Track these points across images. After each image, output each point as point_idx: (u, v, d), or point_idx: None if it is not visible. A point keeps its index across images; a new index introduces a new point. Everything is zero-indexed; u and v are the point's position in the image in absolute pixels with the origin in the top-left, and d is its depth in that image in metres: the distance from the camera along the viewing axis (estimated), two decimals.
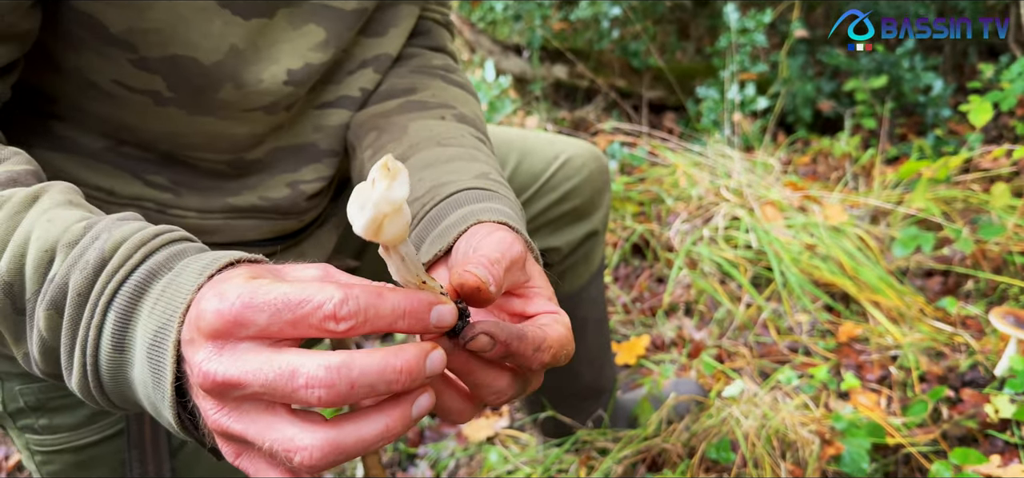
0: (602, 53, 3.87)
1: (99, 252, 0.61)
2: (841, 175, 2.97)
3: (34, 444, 1.07)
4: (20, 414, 1.04)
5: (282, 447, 0.52)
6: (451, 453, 2.08)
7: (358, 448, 0.53)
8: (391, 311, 0.53)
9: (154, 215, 0.99)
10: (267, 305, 0.52)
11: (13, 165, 0.73)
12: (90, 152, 0.96)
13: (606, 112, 3.85)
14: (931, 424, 1.72)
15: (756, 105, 3.22)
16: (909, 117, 3.37)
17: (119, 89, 0.88)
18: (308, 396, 0.50)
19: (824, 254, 2.34)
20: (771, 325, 2.23)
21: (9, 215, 0.67)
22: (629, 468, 1.79)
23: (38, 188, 0.70)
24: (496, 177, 0.90)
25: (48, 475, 1.09)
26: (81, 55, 0.85)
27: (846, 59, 3.33)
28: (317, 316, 0.51)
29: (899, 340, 2.02)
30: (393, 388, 0.52)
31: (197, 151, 0.98)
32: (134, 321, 0.60)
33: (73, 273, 0.62)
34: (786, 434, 1.70)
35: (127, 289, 0.60)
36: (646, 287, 2.56)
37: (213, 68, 0.87)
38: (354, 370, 0.50)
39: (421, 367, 0.53)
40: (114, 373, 0.61)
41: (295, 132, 1.04)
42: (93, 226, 0.65)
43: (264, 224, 1.07)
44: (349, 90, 1.05)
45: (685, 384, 1.95)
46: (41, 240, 0.64)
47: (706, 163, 2.96)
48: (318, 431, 0.52)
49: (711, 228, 2.59)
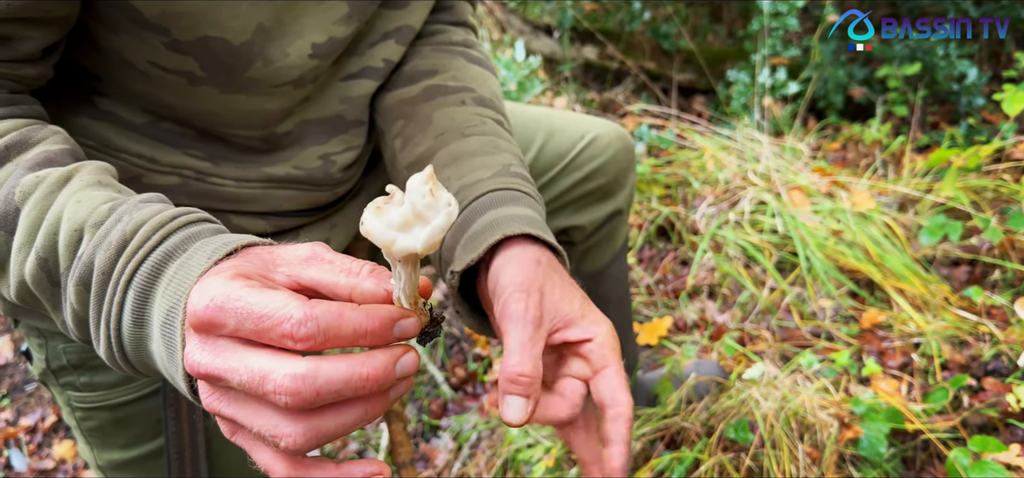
0: (632, 35, 3.87)
1: (121, 233, 0.65)
2: (870, 162, 2.95)
3: (75, 401, 1.11)
4: (62, 372, 1.09)
5: (268, 432, 0.55)
6: (473, 426, 2.11)
7: (339, 431, 0.56)
8: (352, 330, 0.55)
9: (193, 182, 1.03)
10: (234, 312, 0.55)
11: (50, 145, 0.77)
12: (132, 125, 0.99)
13: (635, 94, 3.84)
14: (951, 412, 1.72)
15: (787, 90, 3.20)
16: (942, 105, 3.34)
17: (155, 70, 0.91)
18: (276, 400, 0.53)
19: (850, 240, 2.34)
20: (794, 310, 2.23)
21: (43, 194, 0.71)
22: (648, 445, 1.81)
23: (71, 168, 0.74)
24: (518, 168, 0.96)
25: (87, 431, 1.14)
26: (119, 37, 0.88)
27: (879, 46, 3.30)
28: (276, 332, 0.54)
29: (922, 328, 2.01)
30: (361, 393, 0.55)
31: (231, 128, 1.01)
32: (151, 299, 0.64)
33: (98, 253, 0.66)
34: (805, 417, 1.71)
35: (145, 269, 0.64)
36: (670, 269, 2.57)
37: (242, 48, 0.90)
38: (319, 379, 0.53)
39: (390, 373, 0.55)
40: (135, 345, 0.65)
41: (321, 105, 1.06)
42: (117, 208, 0.69)
43: (299, 195, 1.10)
44: (372, 61, 1.07)
45: (706, 365, 1.97)
46: (71, 220, 0.69)
47: (734, 147, 2.96)
48: (301, 420, 0.55)
49: (737, 212, 2.59)
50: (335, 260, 0.62)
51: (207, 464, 1.11)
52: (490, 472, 1.94)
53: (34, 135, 0.78)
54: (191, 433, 1.09)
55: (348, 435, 2.15)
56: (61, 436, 2.50)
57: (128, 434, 1.14)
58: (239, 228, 1.07)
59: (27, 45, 0.81)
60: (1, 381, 2.79)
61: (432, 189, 0.52)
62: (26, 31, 0.80)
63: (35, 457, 2.44)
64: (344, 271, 0.61)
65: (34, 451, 2.47)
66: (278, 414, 0.55)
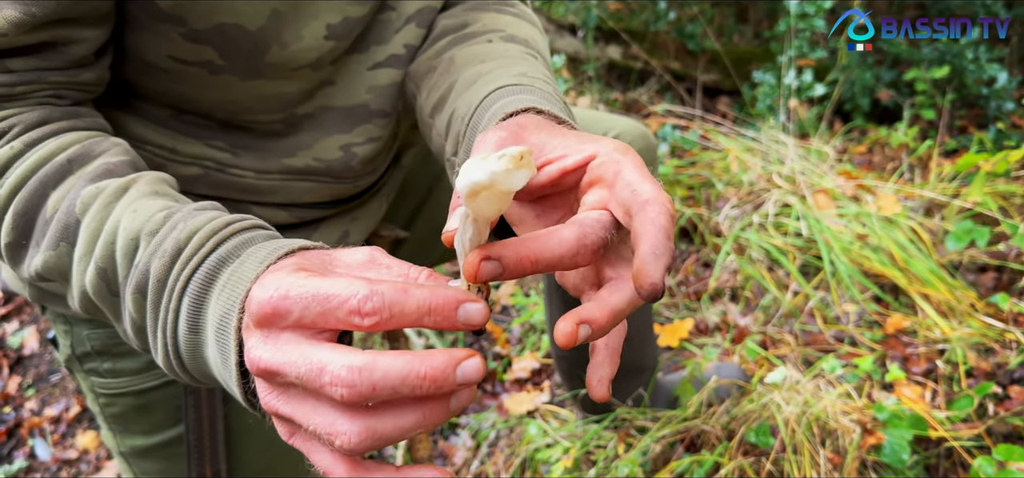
0: (657, 34, 3.85)
1: (176, 241, 0.66)
2: (897, 166, 2.92)
3: (99, 387, 1.13)
4: (87, 358, 1.11)
5: (324, 431, 0.54)
6: (492, 424, 2.11)
7: (396, 435, 0.54)
8: (416, 308, 0.53)
9: (214, 173, 1.03)
10: (299, 299, 0.54)
11: (111, 157, 0.78)
12: (154, 118, 1.01)
13: (659, 94, 3.83)
14: (976, 420, 1.70)
15: (813, 92, 3.17)
16: (970, 109, 3.30)
17: (174, 64, 0.92)
18: (332, 393, 0.52)
19: (875, 245, 2.31)
20: (818, 314, 2.21)
21: (102, 205, 0.72)
22: (667, 447, 1.81)
23: (129, 179, 0.75)
24: (537, 73, 0.88)
25: (110, 417, 1.15)
26: (137, 35, 0.90)
27: (907, 48, 3.26)
28: (342, 311, 0.53)
29: (948, 334, 1.99)
30: (417, 393, 0.52)
31: (252, 114, 1.02)
32: (205, 306, 0.64)
33: (153, 260, 0.66)
34: (827, 422, 1.69)
35: (199, 276, 0.64)
36: (692, 271, 2.56)
37: (257, 32, 0.91)
38: (376, 372, 0.51)
39: (449, 376, 0.52)
40: (191, 352, 0.65)
41: (346, 94, 1.07)
42: (172, 215, 0.69)
43: (319, 187, 1.10)
44: (395, 49, 1.08)
45: (727, 368, 1.95)
46: (127, 230, 0.69)
47: (759, 149, 2.94)
48: (358, 418, 0.54)
49: (761, 214, 2.57)
50: (393, 265, 0.62)
51: (226, 452, 1.12)
52: (508, 471, 1.94)
53: (96, 147, 0.79)
54: (210, 422, 1.10)
55: None
56: (85, 426, 2.53)
57: (150, 421, 1.15)
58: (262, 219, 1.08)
59: (80, 48, 0.82)
60: (27, 371, 2.82)
61: (523, 154, 0.50)
62: (78, 32, 0.81)
63: (59, 447, 2.47)
64: (402, 275, 0.61)
65: (58, 441, 2.50)
66: (335, 411, 0.54)
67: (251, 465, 1.15)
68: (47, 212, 0.75)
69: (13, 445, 2.51)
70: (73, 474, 2.37)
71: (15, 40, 0.77)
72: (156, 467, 1.19)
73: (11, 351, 2.91)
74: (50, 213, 0.75)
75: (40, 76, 0.81)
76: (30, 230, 0.76)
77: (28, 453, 2.46)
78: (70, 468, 2.39)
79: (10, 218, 0.76)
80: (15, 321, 3.06)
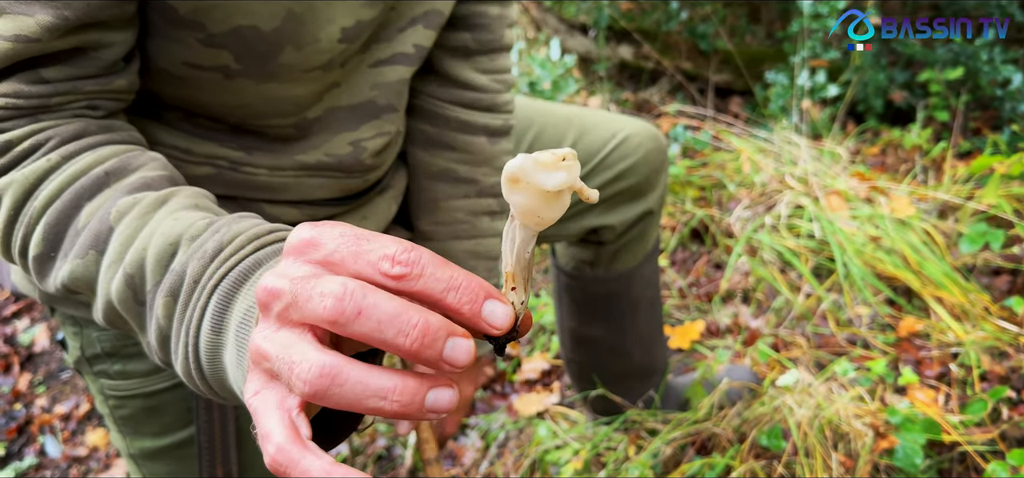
0: (669, 34, 3.83)
1: (217, 243, 0.65)
2: (910, 167, 2.90)
3: (108, 389, 1.13)
4: (96, 360, 1.11)
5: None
6: (501, 425, 2.11)
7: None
8: (448, 278, 0.50)
9: (227, 172, 1.04)
10: (333, 234, 0.52)
11: (149, 171, 0.78)
12: (166, 121, 1.01)
13: (671, 94, 3.81)
14: (989, 424, 1.69)
15: (826, 92, 3.15)
16: (985, 111, 3.27)
17: (190, 71, 0.92)
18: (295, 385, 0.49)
19: (888, 247, 2.30)
20: (830, 316, 2.20)
21: (138, 215, 0.72)
22: (678, 450, 1.80)
23: (168, 192, 0.75)
24: None
25: (120, 419, 1.15)
26: (153, 42, 0.90)
27: (921, 49, 3.24)
28: (376, 253, 0.50)
29: (961, 337, 1.97)
30: (384, 409, 0.48)
31: (265, 118, 1.02)
32: (233, 304, 0.62)
33: (191, 262, 0.66)
34: (839, 425, 1.68)
35: (233, 275, 0.63)
36: (703, 272, 2.55)
37: (272, 34, 0.91)
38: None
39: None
40: (211, 355, 0.63)
41: (352, 91, 1.07)
42: (215, 222, 0.69)
43: (330, 182, 1.11)
44: (403, 46, 1.09)
45: (739, 371, 1.94)
46: (165, 235, 0.68)
47: (771, 150, 2.92)
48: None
49: (773, 216, 2.55)
50: None
51: (237, 454, 1.12)
52: (517, 472, 1.94)
53: (133, 161, 0.79)
54: (222, 423, 1.10)
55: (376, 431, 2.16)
56: (94, 424, 2.54)
57: (159, 423, 1.15)
58: (274, 217, 1.08)
59: (110, 52, 0.82)
60: (37, 368, 2.83)
61: (564, 156, 0.50)
62: (108, 36, 0.81)
63: (69, 444, 2.48)
64: None
65: (68, 438, 2.50)
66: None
67: (262, 467, 1.15)
68: (79, 223, 0.74)
69: (24, 442, 2.52)
70: (83, 471, 2.38)
71: (48, 45, 0.77)
72: (166, 469, 1.19)
73: (22, 348, 2.92)
74: (82, 224, 0.74)
75: (75, 86, 0.80)
76: (60, 241, 0.76)
77: (38, 450, 2.47)
78: (80, 465, 2.39)
79: (41, 229, 0.76)
80: (26, 318, 3.07)
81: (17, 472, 2.37)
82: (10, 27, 0.74)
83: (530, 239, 0.54)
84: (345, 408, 0.49)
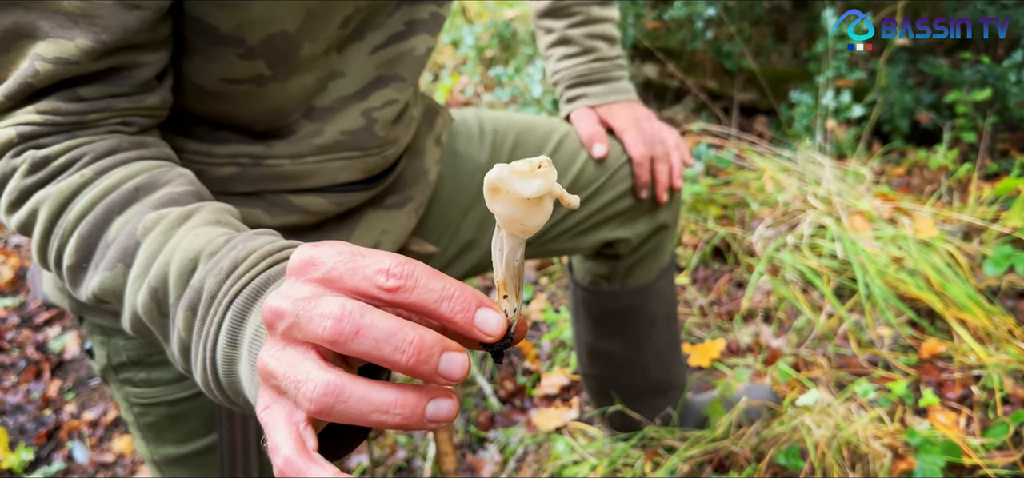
0: (694, 53, 3.84)
1: (233, 259, 0.68)
2: (935, 188, 2.88)
3: (133, 397, 1.16)
4: (122, 368, 1.14)
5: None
6: (520, 440, 2.12)
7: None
8: (441, 289, 0.53)
9: (251, 169, 1.07)
10: (330, 254, 0.55)
11: (175, 187, 0.82)
12: (191, 134, 1.04)
13: (695, 113, 3.81)
14: (1011, 448, 1.67)
15: (851, 112, 3.14)
16: (1013, 132, 3.24)
17: (226, 86, 0.96)
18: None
19: (911, 268, 2.28)
20: (851, 337, 2.19)
21: (163, 230, 0.75)
22: (695, 468, 1.80)
23: (192, 207, 0.78)
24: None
25: (144, 426, 1.18)
26: (190, 60, 0.94)
27: (949, 70, 3.22)
28: (371, 268, 0.53)
29: (984, 360, 1.96)
30: (387, 422, 0.51)
31: (288, 116, 1.05)
32: (246, 320, 0.65)
33: (208, 278, 0.68)
34: (858, 445, 1.67)
35: (247, 291, 0.66)
36: (725, 291, 2.55)
37: (296, 33, 0.95)
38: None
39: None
40: (227, 368, 0.66)
41: (355, 79, 1.10)
42: (233, 238, 0.72)
43: (351, 163, 1.13)
44: (395, 27, 1.11)
45: (758, 389, 1.94)
46: (186, 251, 0.72)
47: (795, 169, 2.92)
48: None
49: (796, 235, 2.55)
50: None
51: (259, 462, 1.14)
52: None
53: (162, 177, 0.82)
54: (243, 431, 1.12)
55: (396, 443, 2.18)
56: (121, 431, 2.58)
57: (183, 430, 1.18)
58: (302, 208, 1.11)
59: (144, 72, 0.86)
60: (67, 376, 2.88)
61: (540, 164, 0.52)
62: (142, 56, 0.85)
63: (96, 450, 2.52)
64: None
65: (95, 444, 2.54)
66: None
67: None
68: (109, 236, 0.78)
69: (52, 447, 2.57)
70: (109, 477, 2.42)
71: (86, 67, 0.80)
72: (188, 474, 1.21)
73: (52, 355, 2.97)
74: (112, 237, 0.77)
75: (109, 103, 0.84)
76: (91, 253, 0.79)
77: (66, 455, 2.51)
78: (106, 471, 2.43)
79: (74, 241, 0.79)
80: (57, 326, 3.13)
81: (46, 476, 2.42)
82: (52, 50, 0.78)
83: (518, 247, 0.56)
84: (350, 423, 0.52)
